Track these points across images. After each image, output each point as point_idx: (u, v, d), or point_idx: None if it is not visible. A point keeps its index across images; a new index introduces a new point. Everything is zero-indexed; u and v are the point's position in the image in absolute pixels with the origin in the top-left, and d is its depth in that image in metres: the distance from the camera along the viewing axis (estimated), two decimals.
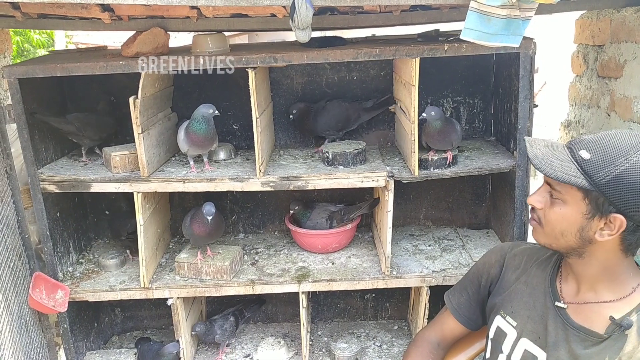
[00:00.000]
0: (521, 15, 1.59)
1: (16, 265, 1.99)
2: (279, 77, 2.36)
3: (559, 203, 1.27)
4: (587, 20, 2.39)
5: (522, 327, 1.41)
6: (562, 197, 1.26)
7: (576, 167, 1.22)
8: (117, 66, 1.88)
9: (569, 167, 1.22)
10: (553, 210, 1.28)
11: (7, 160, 1.97)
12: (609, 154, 1.19)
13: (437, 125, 2.01)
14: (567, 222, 1.26)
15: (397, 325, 2.60)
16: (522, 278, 1.47)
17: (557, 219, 1.27)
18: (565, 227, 1.27)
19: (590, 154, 1.20)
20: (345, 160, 2.08)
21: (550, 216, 1.29)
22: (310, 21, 1.65)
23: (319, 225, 2.29)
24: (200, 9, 1.85)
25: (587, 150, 1.21)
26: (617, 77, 2.12)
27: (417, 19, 2.10)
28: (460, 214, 2.53)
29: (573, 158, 1.23)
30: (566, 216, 1.26)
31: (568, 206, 1.25)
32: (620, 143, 1.20)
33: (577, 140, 1.26)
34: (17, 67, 1.90)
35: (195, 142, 2.03)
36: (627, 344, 1.23)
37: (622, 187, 1.17)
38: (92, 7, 1.79)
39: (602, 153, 1.20)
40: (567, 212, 1.26)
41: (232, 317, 2.39)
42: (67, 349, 2.19)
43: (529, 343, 1.39)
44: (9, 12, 1.86)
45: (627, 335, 1.23)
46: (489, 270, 1.57)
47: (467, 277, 1.65)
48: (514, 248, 1.55)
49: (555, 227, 1.28)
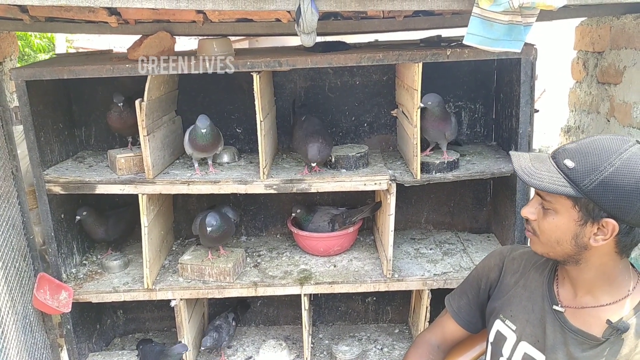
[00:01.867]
0: (523, 21, 1.62)
1: (21, 266, 2.00)
2: (283, 81, 2.38)
3: (551, 213, 1.28)
4: (587, 27, 2.42)
5: (522, 331, 1.42)
6: (553, 207, 1.28)
7: (562, 176, 1.23)
8: (124, 69, 1.91)
9: (556, 178, 1.24)
10: (546, 220, 1.30)
11: (13, 161, 1.99)
12: (593, 161, 1.21)
13: (435, 111, 2.02)
14: (561, 231, 1.28)
15: (398, 328, 2.61)
16: (520, 282, 1.48)
17: (551, 229, 1.29)
18: (560, 236, 1.28)
19: (574, 162, 1.22)
20: (347, 163, 2.10)
21: (544, 226, 1.30)
22: (315, 25, 1.67)
23: (321, 228, 2.30)
24: (206, 14, 1.87)
25: (570, 159, 1.23)
26: (617, 83, 2.15)
27: (420, 24, 2.13)
28: (461, 218, 2.55)
29: (559, 168, 1.25)
30: (559, 225, 1.27)
31: (560, 215, 1.27)
32: (603, 148, 1.21)
33: (561, 149, 1.28)
34: (24, 69, 1.93)
35: (197, 148, 2.06)
36: (623, 347, 1.25)
37: (609, 191, 1.19)
38: (99, 11, 1.81)
39: (585, 160, 1.22)
40: (559, 221, 1.27)
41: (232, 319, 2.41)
42: (70, 350, 2.20)
43: (528, 346, 1.41)
44: (17, 15, 1.88)
45: (624, 339, 1.25)
46: (488, 273, 1.58)
47: (467, 280, 1.67)
48: (512, 252, 1.57)
49: (551, 236, 1.30)
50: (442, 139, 2.08)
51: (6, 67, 2.46)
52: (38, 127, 2.01)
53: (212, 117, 2.34)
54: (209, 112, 2.37)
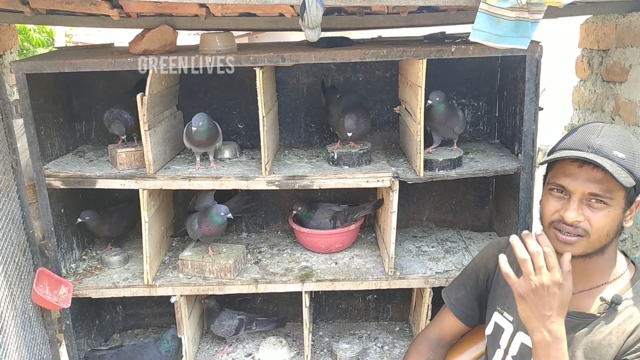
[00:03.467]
0: (530, 17, 1.60)
1: (20, 260, 1.99)
2: (285, 77, 2.36)
3: (603, 207, 1.28)
4: (592, 25, 2.40)
5: (519, 321, 1.43)
6: (607, 201, 1.28)
7: (620, 168, 1.25)
8: (125, 63, 1.89)
9: (618, 170, 1.25)
10: (598, 216, 1.28)
11: (13, 155, 1.97)
12: (632, 147, 1.28)
13: (442, 109, 2.02)
14: (614, 223, 1.30)
15: (399, 326, 2.60)
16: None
17: (607, 222, 1.29)
18: (612, 227, 1.31)
19: (622, 153, 1.27)
20: (350, 160, 2.09)
21: (599, 223, 1.29)
22: (319, 20, 1.66)
23: (322, 225, 2.29)
24: (209, 7, 1.85)
25: (618, 150, 1.27)
26: (622, 82, 2.13)
27: (424, 20, 2.11)
28: (463, 216, 2.53)
29: (613, 161, 1.26)
30: (614, 217, 1.29)
31: (612, 207, 1.28)
32: (629, 136, 1.31)
33: (598, 144, 1.28)
34: (25, 62, 1.91)
35: (194, 142, 2.06)
36: (616, 317, 1.30)
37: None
38: (101, 4, 1.80)
39: (628, 148, 1.27)
40: (614, 213, 1.29)
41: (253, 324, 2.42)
42: (69, 345, 2.19)
43: (525, 337, 1.43)
44: (18, 8, 1.86)
45: (618, 311, 1.30)
46: (486, 264, 1.61)
47: (465, 272, 1.69)
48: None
49: (604, 231, 1.30)
50: (451, 134, 2.08)
51: (6, 60, 2.44)
52: (38, 121, 1.99)
53: (214, 113, 2.35)
54: (210, 107, 2.37)
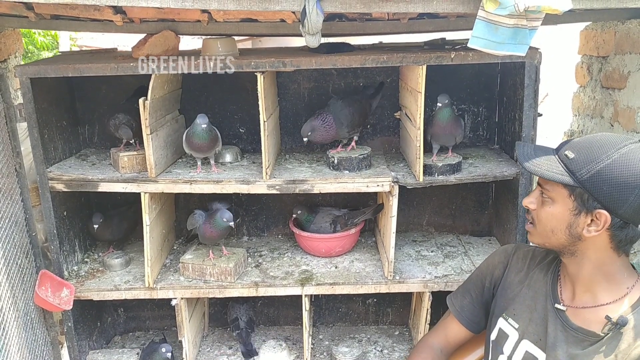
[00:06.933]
0: (528, 25, 1.61)
1: (23, 262, 2.00)
2: (286, 82, 2.38)
3: (549, 202, 1.34)
4: (591, 32, 2.42)
5: (524, 329, 1.44)
6: (550, 196, 1.34)
7: (562, 166, 1.30)
8: (128, 67, 1.91)
9: (555, 166, 1.31)
10: (544, 209, 1.36)
11: (17, 158, 1.99)
12: (592, 152, 1.27)
13: (448, 112, 2.03)
14: (556, 220, 1.33)
15: (399, 330, 2.61)
16: (525, 281, 1.50)
17: (548, 217, 1.35)
18: (555, 225, 1.34)
19: (575, 154, 1.29)
20: (350, 165, 2.10)
21: (542, 215, 1.36)
22: (320, 26, 1.67)
23: (322, 230, 2.30)
24: (211, 13, 1.87)
25: (571, 150, 1.30)
26: (621, 88, 2.15)
27: (424, 27, 2.13)
28: (462, 220, 2.54)
29: (559, 158, 1.32)
30: (555, 214, 1.33)
31: (556, 204, 1.33)
32: (603, 142, 1.27)
33: (565, 142, 1.36)
34: (29, 66, 1.93)
35: (193, 147, 2.07)
36: (622, 342, 1.28)
37: (603, 182, 1.24)
38: (104, 9, 1.81)
39: (585, 152, 1.28)
40: (555, 210, 1.33)
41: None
42: (71, 347, 2.20)
43: (530, 345, 1.42)
44: (23, 13, 1.89)
45: (623, 333, 1.28)
46: (492, 271, 1.60)
47: (471, 279, 1.67)
48: (517, 250, 1.58)
49: (547, 225, 1.36)
50: (452, 142, 2.08)
51: (11, 64, 2.46)
52: (42, 125, 2.01)
53: (215, 117, 2.37)
54: (212, 111, 2.39)
